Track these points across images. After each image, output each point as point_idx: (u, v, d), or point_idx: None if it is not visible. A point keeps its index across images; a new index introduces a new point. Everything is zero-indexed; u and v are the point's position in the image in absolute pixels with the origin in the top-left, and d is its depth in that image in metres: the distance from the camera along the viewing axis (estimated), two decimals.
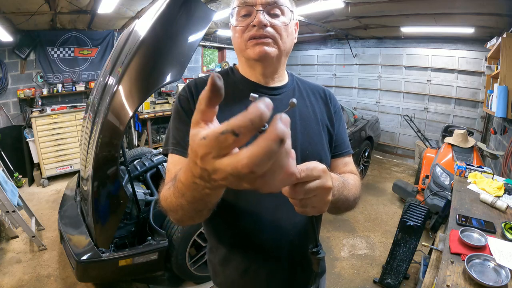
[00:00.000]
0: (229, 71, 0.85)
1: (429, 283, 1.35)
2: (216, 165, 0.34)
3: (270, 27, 0.71)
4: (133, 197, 2.06)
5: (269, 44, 0.72)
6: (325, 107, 0.87)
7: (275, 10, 0.72)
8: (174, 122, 0.78)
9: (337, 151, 0.87)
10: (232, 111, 0.67)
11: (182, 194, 0.51)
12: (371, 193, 3.90)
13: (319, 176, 0.48)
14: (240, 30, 0.73)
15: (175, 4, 1.60)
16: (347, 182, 0.71)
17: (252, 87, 0.79)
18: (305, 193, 0.47)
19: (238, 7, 0.73)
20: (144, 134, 5.01)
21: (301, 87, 0.87)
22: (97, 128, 1.70)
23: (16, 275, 2.25)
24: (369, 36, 5.35)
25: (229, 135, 0.32)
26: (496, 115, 2.67)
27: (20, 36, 3.92)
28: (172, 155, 0.75)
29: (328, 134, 0.84)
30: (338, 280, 2.34)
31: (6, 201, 2.30)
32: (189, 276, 2.16)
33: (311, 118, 0.82)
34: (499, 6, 2.79)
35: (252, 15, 0.71)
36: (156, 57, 1.65)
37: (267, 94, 0.78)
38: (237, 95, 0.77)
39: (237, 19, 0.74)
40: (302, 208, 0.50)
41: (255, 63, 0.76)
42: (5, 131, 3.88)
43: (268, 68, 0.78)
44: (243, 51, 0.75)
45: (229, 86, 0.74)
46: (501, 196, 1.60)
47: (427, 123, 5.12)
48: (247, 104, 0.38)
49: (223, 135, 0.32)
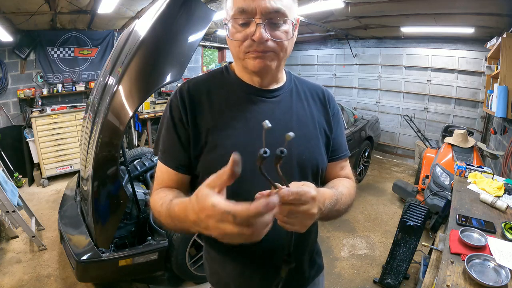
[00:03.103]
0: (224, 71, 0.81)
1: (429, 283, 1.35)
2: (210, 225, 0.45)
3: (271, 41, 0.65)
4: (133, 197, 2.06)
5: (270, 57, 0.68)
6: (323, 109, 0.83)
7: (276, 19, 0.65)
8: (164, 129, 0.77)
9: (334, 155, 0.85)
10: (224, 114, 0.74)
11: (172, 219, 0.60)
12: (371, 193, 3.90)
13: (306, 201, 0.51)
14: (237, 38, 0.67)
15: (175, 4, 1.59)
16: (341, 196, 0.71)
17: (248, 90, 0.76)
18: (288, 214, 0.51)
19: (235, 18, 0.65)
20: (144, 134, 5.01)
21: (299, 88, 0.83)
22: (97, 128, 1.70)
23: (16, 275, 2.25)
24: (369, 36, 5.35)
25: (230, 216, 0.41)
26: (496, 115, 2.66)
27: (20, 36, 3.92)
28: (160, 163, 0.77)
29: (325, 138, 0.82)
30: (338, 280, 2.34)
31: (6, 201, 2.30)
32: (189, 276, 2.16)
33: (308, 121, 0.79)
34: (499, 6, 2.79)
35: (251, 26, 0.64)
36: (156, 57, 1.65)
37: (263, 96, 0.76)
38: (231, 97, 0.75)
39: (234, 26, 0.66)
40: (282, 223, 0.54)
41: (254, 73, 0.73)
42: (5, 131, 3.88)
43: (267, 78, 0.76)
44: (241, 60, 0.70)
45: (223, 86, 0.78)
46: (501, 196, 1.60)
47: (427, 123, 5.12)
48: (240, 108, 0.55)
49: (226, 214, 0.42)
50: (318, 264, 0.92)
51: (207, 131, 0.72)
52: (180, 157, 0.74)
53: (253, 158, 0.52)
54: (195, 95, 0.75)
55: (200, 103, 0.74)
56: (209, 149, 0.71)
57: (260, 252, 0.75)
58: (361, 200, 3.71)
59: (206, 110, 0.73)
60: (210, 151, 0.71)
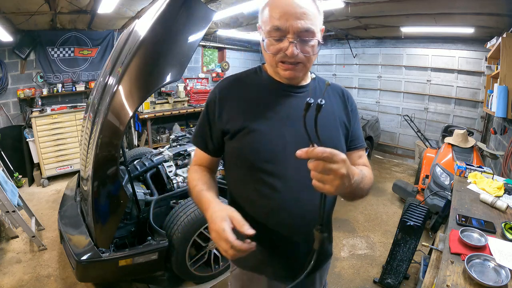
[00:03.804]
0: (257, 70, 0.93)
1: (429, 283, 1.35)
2: (212, 234, 0.70)
3: (300, 54, 0.77)
4: (133, 197, 2.06)
5: (299, 69, 0.81)
6: (343, 105, 0.95)
7: (305, 37, 0.76)
8: (200, 119, 0.94)
9: (352, 145, 0.96)
10: (258, 105, 0.90)
11: (197, 201, 0.86)
12: (371, 193, 3.89)
13: (337, 161, 0.58)
14: (271, 50, 0.79)
15: (175, 4, 1.60)
16: (364, 177, 0.80)
17: (278, 86, 0.88)
18: (322, 170, 0.58)
19: (271, 35, 0.77)
20: (144, 134, 5.01)
21: (322, 86, 0.94)
22: (97, 128, 1.70)
23: (16, 275, 2.25)
24: (369, 36, 5.35)
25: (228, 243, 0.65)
26: (496, 115, 2.66)
27: (20, 36, 3.92)
28: (195, 146, 0.97)
29: (345, 129, 0.92)
30: (338, 280, 2.34)
31: (6, 201, 2.30)
32: (189, 276, 2.16)
33: (330, 114, 0.89)
34: (499, 6, 2.78)
35: (284, 42, 0.76)
36: (156, 57, 1.65)
37: (291, 92, 0.88)
38: (263, 92, 0.89)
39: (268, 38, 0.79)
40: (317, 182, 0.60)
41: (284, 78, 0.86)
42: (5, 131, 3.88)
43: (296, 81, 0.88)
44: (274, 67, 0.84)
45: (257, 83, 0.92)
46: (501, 196, 1.60)
47: (427, 123, 5.12)
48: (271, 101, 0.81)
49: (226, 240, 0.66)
50: (329, 250, 1.04)
51: (243, 120, 0.84)
52: (207, 141, 0.92)
53: (282, 141, 0.81)
54: (231, 90, 0.90)
55: (235, 97, 0.88)
56: (244, 133, 0.84)
57: (286, 223, 0.84)
58: (361, 200, 3.70)
59: (241, 103, 0.87)
60: (246, 135, 0.84)
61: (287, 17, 0.74)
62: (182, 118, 5.82)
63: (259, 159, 0.83)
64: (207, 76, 6.32)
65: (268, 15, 0.78)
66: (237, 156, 0.87)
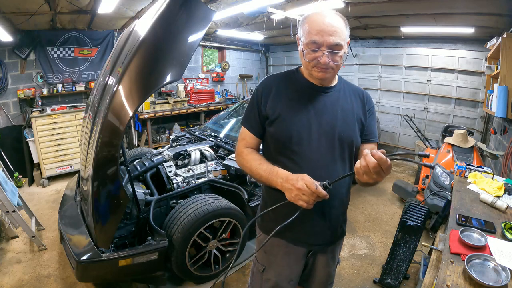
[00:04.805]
0: (295, 71, 1.17)
1: (429, 283, 1.35)
2: (294, 192, 0.95)
3: (331, 62, 1.00)
4: (133, 197, 2.06)
5: (329, 73, 1.04)
6: (362, 105, 1.17)
7: (335, 49, 0.99)
8: (249, 105, 1.16)
9: (367, 138, 1.17)
10: (293, 100, 1.13)
11: (260, 177, 1.07)
12: (371, 193, 3.90)
13: (387, 166, 0.81)
14: (308, 58, 1.02)
15: (175, 4, 1.59)
16: None
17: (311, 86, 1.12)
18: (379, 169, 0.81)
19: (308, 46, 1.00)
20: (144, 134, 5.02)
21: (346, 88, 1.17)
22: (97, 128, 1.70)
23: (16, 275, 2.25)
24: (369, 36, 5.35)
25: (314, 195, 0.91)
26: (496, 115, 2.66)
27: (20, 36, 3.92)
28: (243, 127, 1.18)
29: (360, 125, 1.15)
30: (338, 280, 2.34)
31: (6, 201, 2.30)
32: (189, 276, 2.16)
33: (349, 111, 1.13)
34: (499, 6, 2.78)
35: (318, 53, 0.99)
36: (156, 57, 1.65)
37: (321, 91, 1.11)
38: (298, 90, 1.12)
39: (306, 48, 1.01)
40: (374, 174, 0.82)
41: (317, 79, 1.09)
42: (5, 131, 3.88)
43: (325, 83, 1.12)
44: (309, 70, 1.07)
45: (294, 82, 1.17)
46: (501, 196, 1.59)
47: (427, 123, 5.12)
48: (304, 97, 1.11)
49: (311, 192, 0.91)
50: (344, 230, 1.28)
51: (281, 110, 1.09)
52: (255, 124, 1.14)
53: (308, 130, 1.07)
54: (273, 86, 1.14)
55: (276, 92, 1.12)
56: (280, 121, 1.08)
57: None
58: (361, 200, 3.72)
59: (280, 97, 1.11)
60: (281, 122, 1.08)
61: (322, 34, 0.96)
62: (182, 118, 5.83)
63: (290, 142, 1.07)
64: (207, 76, 6.32)
65: (307, 30, 1.00)
66: (273, 138, 1.11)
